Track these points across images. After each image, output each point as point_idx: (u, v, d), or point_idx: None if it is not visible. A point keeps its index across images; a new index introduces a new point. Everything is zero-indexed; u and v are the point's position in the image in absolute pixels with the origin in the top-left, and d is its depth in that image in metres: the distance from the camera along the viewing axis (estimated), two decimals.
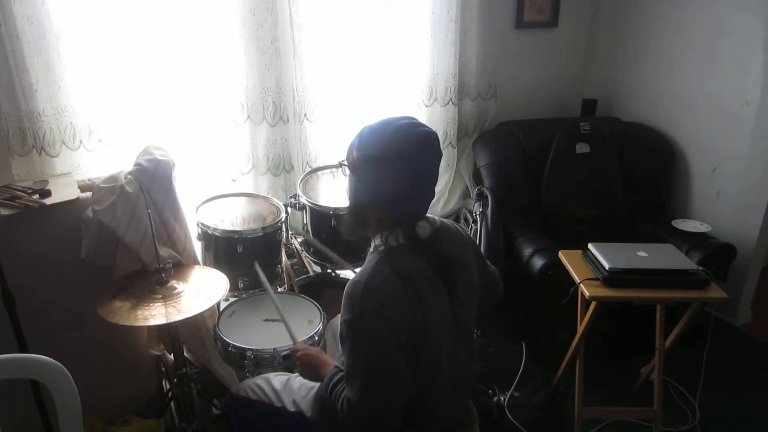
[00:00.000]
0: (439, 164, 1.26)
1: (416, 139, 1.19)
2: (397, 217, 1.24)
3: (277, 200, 2.28)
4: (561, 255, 2.17)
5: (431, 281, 1.22)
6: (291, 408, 1.47)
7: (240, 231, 2.05)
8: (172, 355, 1.99)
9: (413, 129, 1.21)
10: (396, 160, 1.18)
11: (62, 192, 1.87)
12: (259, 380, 1.59)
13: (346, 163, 1.30)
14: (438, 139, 1.24)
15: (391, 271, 1.19)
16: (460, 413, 1.45)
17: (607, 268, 1.94)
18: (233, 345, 1.82)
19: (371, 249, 1.29)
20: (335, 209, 2.18)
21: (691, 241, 2.48)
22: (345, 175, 1.32)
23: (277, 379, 1.58)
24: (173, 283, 1.77)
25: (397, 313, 1.16)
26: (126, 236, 1.82)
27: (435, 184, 1.27)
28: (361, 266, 1.27)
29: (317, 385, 1.46)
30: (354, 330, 1.17)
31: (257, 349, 1.78)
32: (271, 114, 2.45)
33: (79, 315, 1.85)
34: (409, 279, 1.19)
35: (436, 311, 1.23)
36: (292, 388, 1.52)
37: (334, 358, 1.49)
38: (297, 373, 1.57)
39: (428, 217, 1.31)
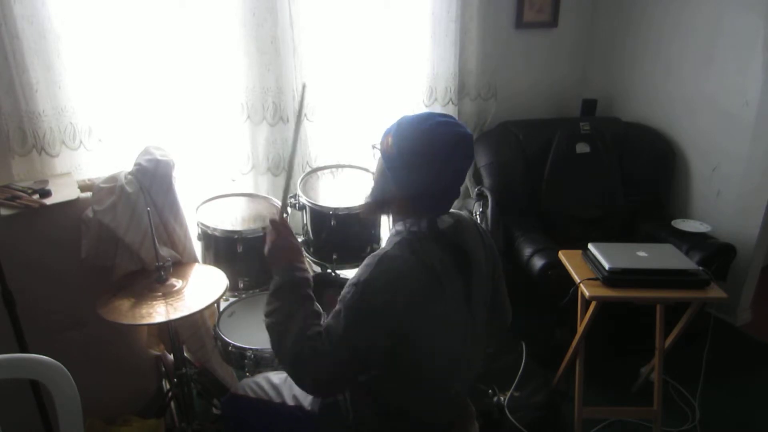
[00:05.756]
0: (470, 166, 1.24)
1: (453, 140, 1.17)
2: (420, 211, 1.23)
3: (277, 200, 2.28)
4: (561, 255, 2.17)
5: (452, 275, 1.22)
6: (291, 402, 1.47)
7: (240, 231, 2.05)
8: (172, 355, 1.99)
9: (452, 129, 1.17)
10: (430, 158, 1.16)
11: (62, 192, 1.87)
12: (257, 378, 1.59)
13: (378, 146, 1.25)
14: (472, 141, 1.22)
15: (415, 258, 1.16)
16: (458, 410, 1.45)
17: (607, 268, 1.94)
18: (233, 345, 1.82)
19: (392, 232, 1.26)
20: (335, 209, 2.17)
21: (691, 241, 2.48)
22: (374, 157, 1.28)
23: (276, 376, 1.58)
24: (172, 281, 1.77)
25: (406, 299, 1.13)
26: (126, 236, 1.82)
27: (462, 183, 1.26)
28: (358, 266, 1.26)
29: None
30: (357, 293, 1.13)
31: (257, 349, 1.78)
32: (271, 114, 2.45)
33: (79, 315, 1.85)
34: (433, 270, 1.17)
35: (453, 306, 1.23)
36: (292, 384, 1.52)
37: None
38: None
39: (450, 211, 1.30)
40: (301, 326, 1.18)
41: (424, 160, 1.17)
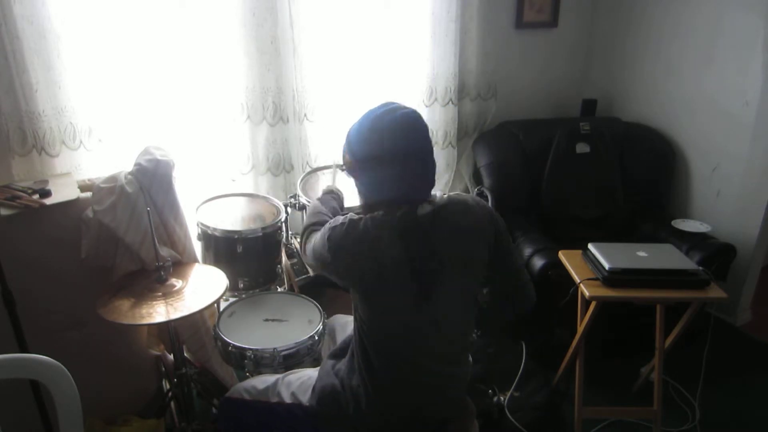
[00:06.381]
0: (426, 142, 1.27)
1: (393, 126, 1.23)
2: (395, 204, 1.27)
3: (277, 200, 2.28)
4: (561, 255, 2.17)
5: (399, 264, 1.23)
6: (288, 400, 1.48)
7: (240, 231, 2.05)
8: (172, 355, 1.99)
9: (389, 116, 1.24)
10: (382, 153, 1.23)
11: (62, 192, 1.87)
12: (253, 381, 1.60)
13: (344, 167, 1.36)
14: (418, 117, 1.26)
15: (372, 234, 1.23)
16: (454, 407, 1.45)
17: (607, 268, 1.94)
18: (233, 345, 1.82)
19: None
20: None
21: (691, 241, 2.48)
22: (348, 177, 1.37)
23: (273, 376, 1.59)
24: (172, 281, 1.77)
25: (351, 272, 1.27)
26: (126, 236, 1.82)
27: (428, 167, 1.28)
28: None
29: (314, 377, 1.48)
30: (324, 233, 1.29)
31: (257, 349, 1.78)
32: (271, 114, 2.45)
33: (79, 315, 1.85)
34: (376, 250, 1.22)
35: (391, 294, 1.25)
36: (290, 382, 1.53)
37: (328, 355, 1.53)
38: (292, 371, 1.61)
39: (432, 198, 1.30)
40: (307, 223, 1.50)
41: (375, 157, 1.24)
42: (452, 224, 1.29)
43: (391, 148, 1.23)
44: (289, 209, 2.29)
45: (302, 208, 2.29)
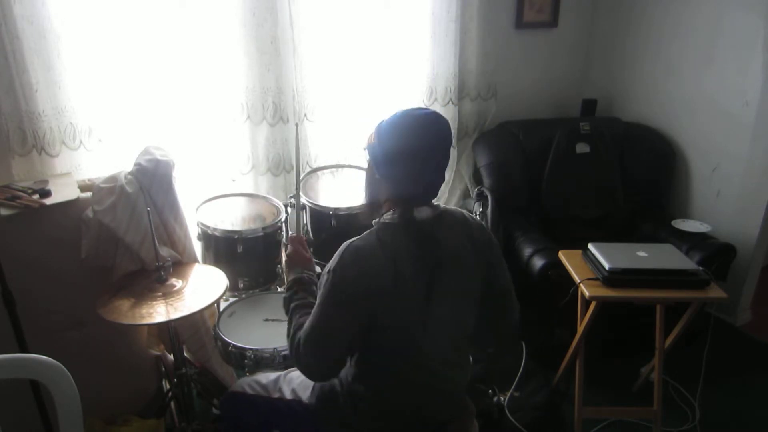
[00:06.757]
0: (439, 144, 1.28)
1: (412, 124, 1.26)
2: (400, 198, 1.29)
3: (277, 200, 2.28)
4: (561, 255, 2.17)
5: (413, 265, 1.24)
6: (289, 396, 1.49)
7: (240, 231, 2.05)
8: (172, 355, 1.99)
9: (409, 117, 1.27)
10: (404, 140, 1.25)
11: (62, 192, 1.87)
12: (255, 376, 1.61)
13: (367, 152, 1.36)
14: (437, 120, 1.27)
15: (378, 243, 1.24)
16: (454, 407, 1.45)
17: (607, 268, 1.94)
18: (233, 345, 1.82)
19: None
20: (335, 209, 2.18)
21: (691, 241, 2.48)
22: (365, 160, 1.37)
23: (275, 373, 1.60)
24: (172, 281, 1.77)
25: (367, 279, 1.21)
26: (126, 236, 1.82)
27: (436, 166, 1.29)
28: None
29: None
30: (329, 282, 1.23)
31: (257, 349, 1.78)
32: (271, 114, 2.45)
33: (79, 315, 1.85)
34: (393, 257, 1.22)
35: (406, 294, 1.24)
36: (291, 378, 1.54)
37: None
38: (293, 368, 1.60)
39: (432, 204, 1.32)
40: (294, 323, 1.34)
41: (399, 143, 1.25)
42: (453, 228, 1.32)
43: (414, 142, 1.25)
44: (289, 209, 2.28)
45: (302, 208, 2.29)
